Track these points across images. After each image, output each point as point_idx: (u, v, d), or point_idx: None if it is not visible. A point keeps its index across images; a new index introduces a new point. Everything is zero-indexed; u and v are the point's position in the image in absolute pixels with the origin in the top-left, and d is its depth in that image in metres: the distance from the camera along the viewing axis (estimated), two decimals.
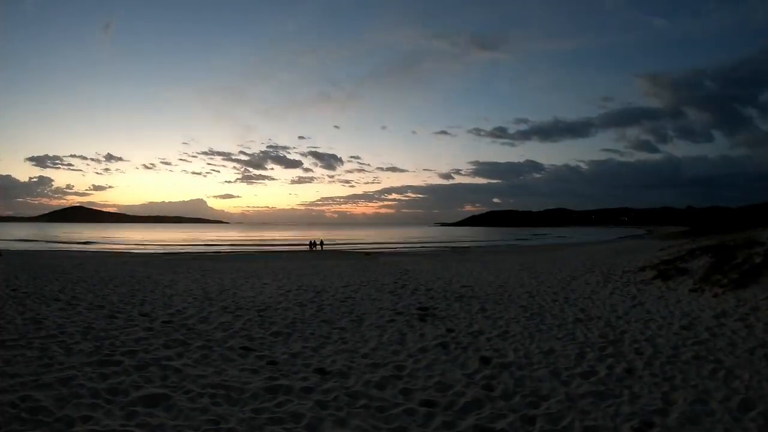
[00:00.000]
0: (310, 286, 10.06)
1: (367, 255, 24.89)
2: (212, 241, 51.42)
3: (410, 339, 5.44)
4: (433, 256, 23.24)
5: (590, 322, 6.22)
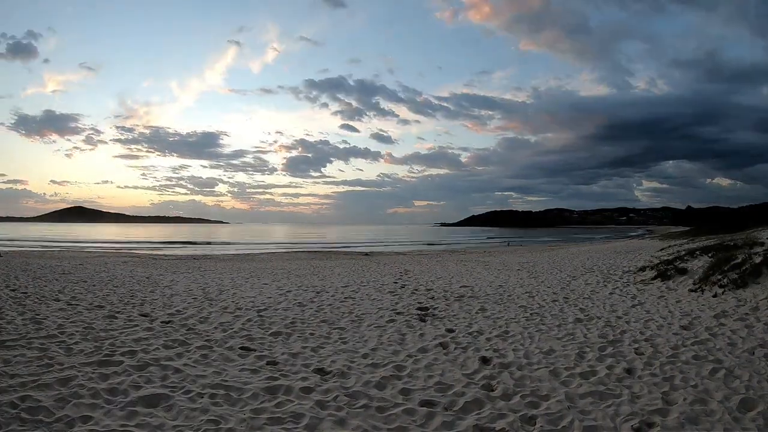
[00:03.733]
0: (310, 286, 10.06)
1: (367, 255, 24.90)
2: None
3: (410, 339, 5.44)
4: (433, 256, 23.24)
5: (590, 322, 6.22)
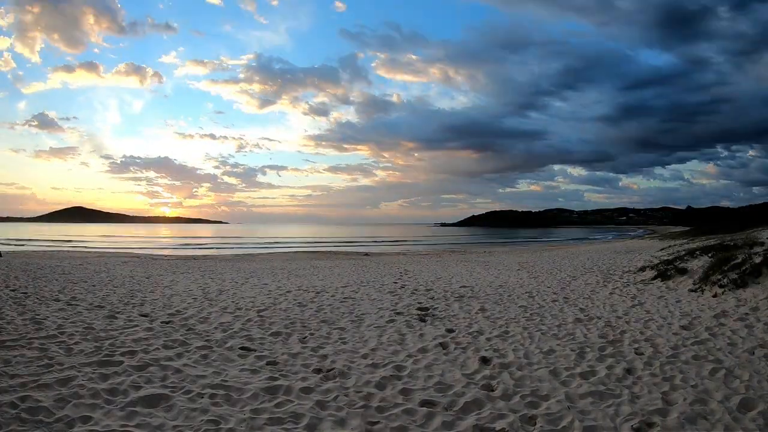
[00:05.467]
0: (310, 286, 10.06)
1: (367, 255, 24.90)
2: None
3: (410, 339, 5.44)
4: (433, 256, 23.24)
5: (590, 322, 6.22)
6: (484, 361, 4.55)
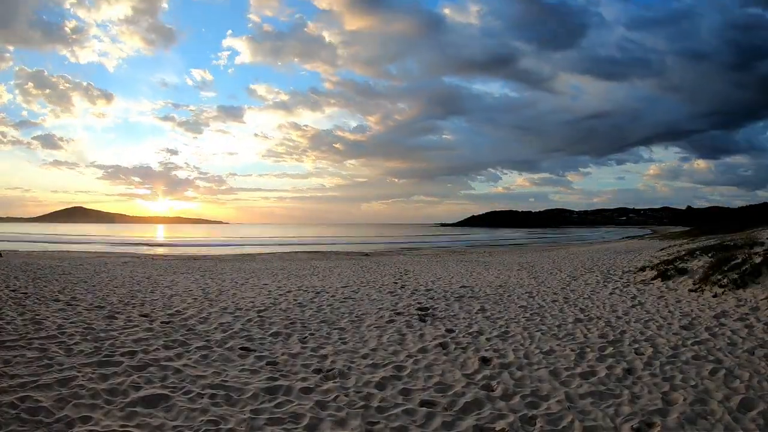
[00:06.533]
0: (310, 286, 10.06)
1: (367, 255, 24.91)
2: None
3: (410, 339, 5.44)
4: (433, 256, 23.25)
5: (590, 323, 6.22)
6: (484, 361, 4.55)
